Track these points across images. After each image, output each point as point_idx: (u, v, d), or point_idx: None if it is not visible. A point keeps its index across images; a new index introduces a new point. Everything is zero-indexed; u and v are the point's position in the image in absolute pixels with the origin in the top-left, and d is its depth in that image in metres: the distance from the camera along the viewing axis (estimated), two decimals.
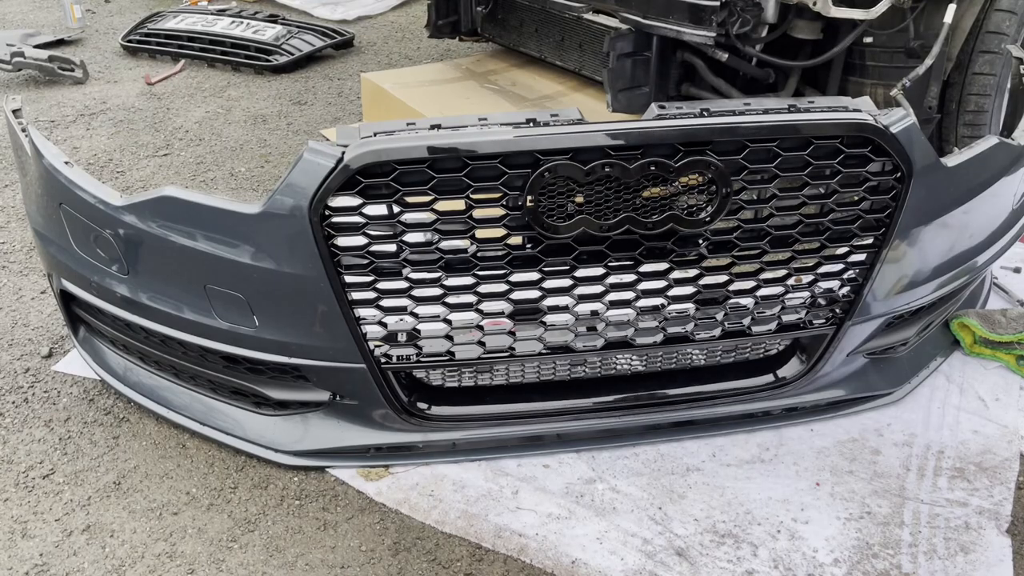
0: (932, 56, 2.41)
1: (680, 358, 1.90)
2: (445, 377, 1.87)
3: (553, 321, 1.72)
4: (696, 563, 1.60)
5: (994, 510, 1.72)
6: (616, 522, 1.69)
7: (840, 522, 1.70)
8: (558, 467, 1.83)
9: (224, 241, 1.62)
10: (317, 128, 3.70)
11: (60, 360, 2.18)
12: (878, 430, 1.94)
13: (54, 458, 1.87)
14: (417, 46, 4.81)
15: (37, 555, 1.64)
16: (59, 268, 1.89)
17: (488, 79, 3.49)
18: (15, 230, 2.84)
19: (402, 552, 1.64)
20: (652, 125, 1.53)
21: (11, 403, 2.04)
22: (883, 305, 1.85)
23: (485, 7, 3.55)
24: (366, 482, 1.79)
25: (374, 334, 1.69)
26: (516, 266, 1.64)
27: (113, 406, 2.01)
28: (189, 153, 3.45)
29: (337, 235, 1.58)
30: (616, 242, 1.63)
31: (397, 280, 1.63)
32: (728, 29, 2.47)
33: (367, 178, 1.52)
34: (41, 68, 4.13)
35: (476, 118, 1.58)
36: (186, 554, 1.64)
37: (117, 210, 1.68)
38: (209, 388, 1.91)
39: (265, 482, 1.80)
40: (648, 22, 2.64)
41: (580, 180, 1.54)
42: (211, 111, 3.89)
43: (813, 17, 2.54)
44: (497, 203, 1.56)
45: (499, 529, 1.68)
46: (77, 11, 4.90)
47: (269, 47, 4.42)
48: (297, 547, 1.66)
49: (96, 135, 3.61)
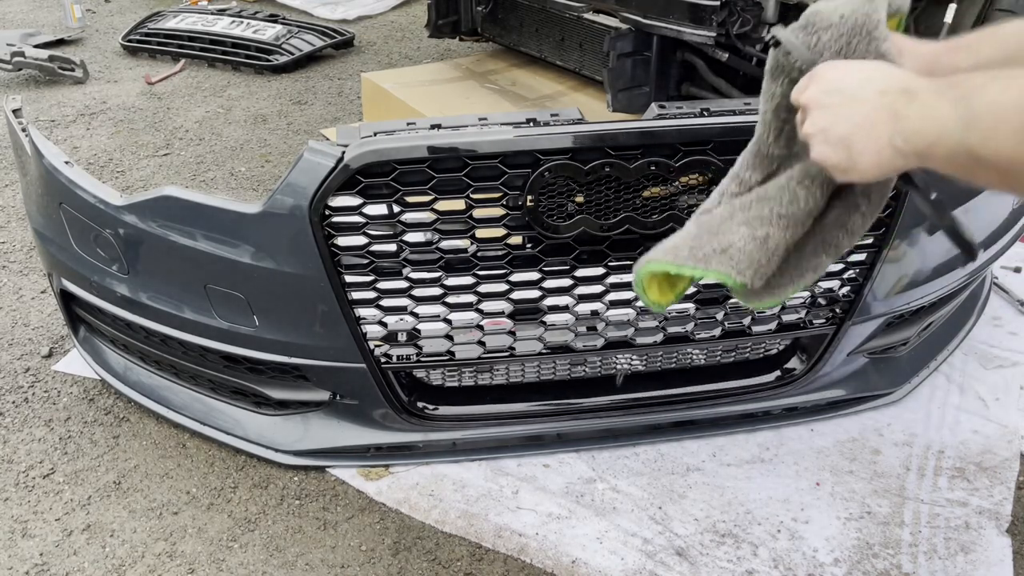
0: None
1: (680, 358, 1.90)
2: (445, 377, 1.87)
3: (553, 321, 1.72)
4: (696, 563, 1.60)
5: (994, 510, 1.72)
6: (616, 522, 1.69)
7: (840, 522, 1.70)
8: (558, 467, 1.83)
9: (224, 241, 1.62)
10: (317, 128, 3.70)
11: (60, 360, 2.18)
12: (878, 430, 1.94)
13: (54, 458, 1.87)
14: (417, 46, 4.81)
15: (37, 554, 1.64)
16: (59, 268, 1.89)
17: (488, 79, 3.49)
18: (15, 230, 2.84)
19: (402, 552, 1.64)
20: (652, 125, 1.53)
21: (11, 403, 2.04)
22: (883, 305, 1.85)
23: (485, 7, 3.55)
24: (366, 482, 1.79)
25: (374, 334, 1.69)
26: (516, 266, 1.64)
27: (113, 406, 2.01)
28: (189, 153, 3.45)
29: (337, 235, 1.58)
30: (616, 242, 1.63)
31: (397, 280, 1.63)
32: (728, 29, 2.47)
33: (367, 178, 1.52)
34: (41, 68, 4.13)
35: (476, 118, 1.58)
36: (186, 553, 1.64)
37: (117, 210, 1.68)
38: (209, 388, 1.91)
39: (265, 482, 1.80)
40: (648, 22, 2.64)
41: (580, 180, 1.54)
42: (211, 111, 3.89)
43: None
44: (497, 203, 1.56)
45: (499, 529, 1.68)
46: (77, 11, 4.89)
47: (269, 47, 4.42)
48: (297, 547, 1.66)
49: (96, 135, 3.61)
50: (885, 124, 0.90)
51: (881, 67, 0.95)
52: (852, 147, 0.92)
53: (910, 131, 0.89)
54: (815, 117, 0.95)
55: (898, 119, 0.89)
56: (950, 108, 0.86)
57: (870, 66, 0.95)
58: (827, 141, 0.94)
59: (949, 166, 0.89)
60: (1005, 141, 0.82)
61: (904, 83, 0.91)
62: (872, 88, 0.91)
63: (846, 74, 0.95)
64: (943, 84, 0.89)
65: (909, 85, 0.90)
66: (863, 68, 0.95)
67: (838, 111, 0.93)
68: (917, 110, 0.88)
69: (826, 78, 0.95)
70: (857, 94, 0.92)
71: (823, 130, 0.94)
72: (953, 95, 0.86)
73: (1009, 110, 0.81)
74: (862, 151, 0.92)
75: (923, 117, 0.88)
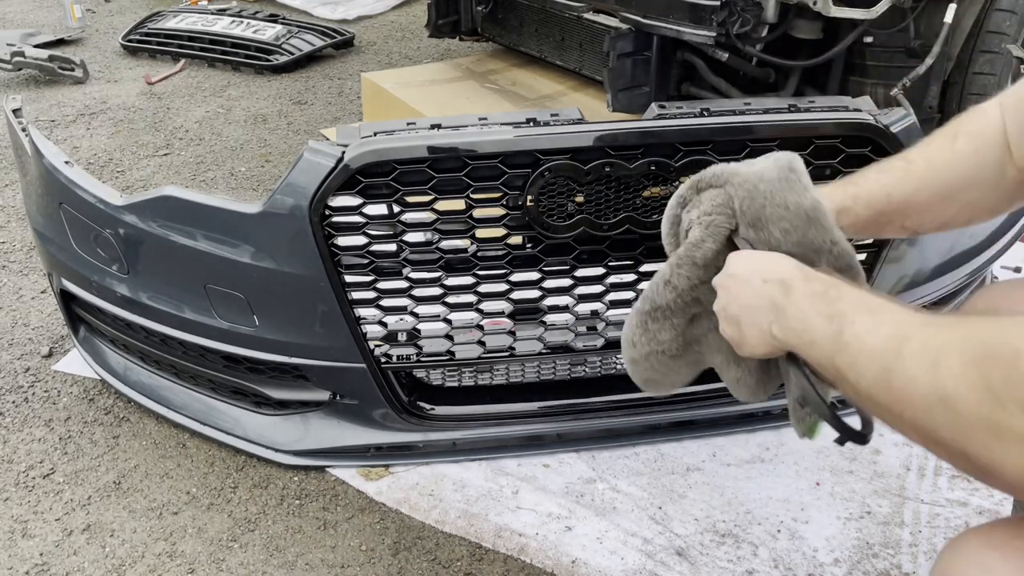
0: (932, 56, 2.41)
1: None
2: (445, 377, 1.87)
3: (553, 321, 1.72)
4: (696, 563, 1.60)
5: (994, 510, 1.72)
6: (616, 522, 1.69)
7: (840, 522, 1.70)
8: (558, 467, 1.83)
9: (224, 241, 1.62)
10: (317, 128, 3.70)
11: (60, 360, 2.18)
12: (878, 429, 1.93)
13: (54, 458, 1.87)
14: (417, 46, 4.81)
15: (37, 554, 1.64)
16: (59, 267, 1.89)
17: (488, 79, 3.49)
18: (15, 230, 2.84)
19: (402, 552, 1.64)
20: (652, 125, 1.53)
21: (11, 403, 2.04)
22: None
23: (485, 7, 3.55)
24: (366, 482, 1.79)
25: (374, 334, 1.69)
26: (516, 266, 1.64)
27: (113, 406, 2.01)
28: (189, 153, 3.45)
29: (337, 235, 1.58)
30: (616, 242, 1.63)
31: (397, 280, 1.63)
32: (728, 29, 2.47)
33: (367, 178, 1.52)
34: (41, 68, 4.13)
35: (476, 118, 1.58)
36: (186, 553, 1.64)
37: (117, 210, 1.68)
38: (209, 388, 1.91)
39: (265, 482, 1.80)
40: (648, 22, 2.64)
41: (580, 180, 1.54)
42: (211, 111, 3.89)
43: (813, 17, 2.54)
44: (497, 203, 1.56)
45: (499, 528, 1.68)
46: (77, 11, 4.89)
47: (269, 47, 4.42)
48: (297, 547, 1.66)
49: (96, 135, 3.61)
50: (765, 312, 0.98)
51: (772, 258, 1.04)
52: (741, 326, 1.03)
53: (786, 326, 0.96)
54: (720, 298, 1.07)
55: (777, 310, 0.97)
56: (823, 324, 0.91)
57: (762, 257, 1.05)
58: (725, 318, 1.06)
59: (825, 374, 0.94)
60: (869, 380, 0.84)
61: (784, 275, 0.98)
62: (757, 277, 1.01)
63: (743, 263, 1.05)
64: (820, 290, 0.94)
65: (788, 277, 0.98)
66: (755, 258, 1.05)
67: (731, 293, 1.04)
68: (794, 309, 0.95)
69: (731, 265, 1.07)
70: (746, 279, 1.02)
71: (723, 307, 1.06)
72: (826, 311, 0.91)
73: (874, 354, 0.84)
74: (748, 331, 1.02)
75: (797, 320, 0.94)
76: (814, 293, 0.94)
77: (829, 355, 0.90)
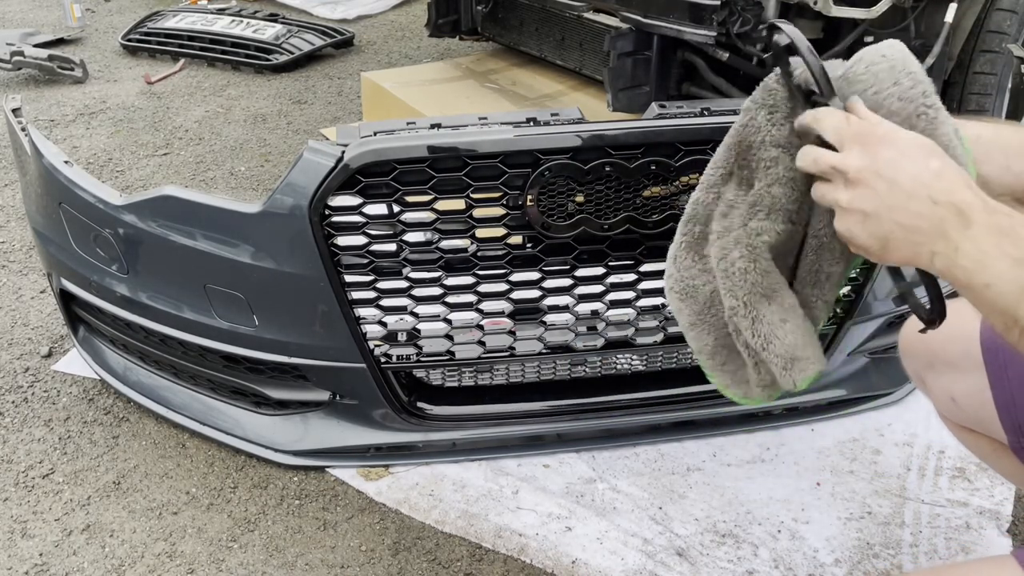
0: (933, 55, 2.41)
1: (680, 358, 1.90)
2: (445, 377, 1.87)
3: (553, 321, 1.72)
4: (696, 563, 1.60)
5: (995, 510, 1.72)
6: (616, 522, 1.69)
7: (841, 522, 1.70)
8: (558, 467, 1.83)
9: (224, 240, 1.62)
10: (317, 127, 3.70)
11: (60, 360, 2.18)
12: (879, 430, 1.94)
13: (54, 458, 1.87)
14: (417, 45, 4.81)
15: (37, 555, 1.64)
16: (59, 267, 1.88)
17: (488, 78, 3.49)
18: (15, 229, 2.83)
19: (402, 552, 1.64)
20: (653, 124, 1.53)
21: (11, 403, 2.03)
22: (884, 305, 1.85)
23: (485, 6, 3.54)
24: (366, 482, 1.78)
25: (374, 334, 1.69)
26: (516, 266, 1.63)
27: (113, 406, 2.01)
28: (189, 152, 3.45)
29: (337, 234, 1.58)
30: (616, 241, 1.63)
31: (397, 280, 1.63)
32: (729, 28, 2.47)
33: (367, 177, 1.51)
34: (41, 67, 4.13)
35: (476, 117, 1.58)
36: (186, 554, 1.64)
37: (117, 209, 1.68)
38: (209, 388, 1.91)
39: (265, 482, 1.80)
40: (649, 21, 2.64)
41: (580, 179, 1.54)
42: (211, 110, 3.89)
43: (814, 16, 2.54)
44: (497, 202, 1.56)
45: (499, 529, 1.68)
46: (77, 10, 4.89)
47: (269, 46, 4.42)
48: (297, 547, 1.65)
49: (96, 134, 3.61)
50: (931, 239, 0.81)
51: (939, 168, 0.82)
52: (888, 244, 0.84)
53: (956, 263, 0.80)
54: (859, 196, 0.84)
55: (946, 241, 0.80)
56: (1009, 268, 0.76)
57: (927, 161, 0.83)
58: (863, 225, 0.84)
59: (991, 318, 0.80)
60: None
61: (960, 200, 0.80)
62: (925, 192, 0.80)
63: (901, 161, 0.83)
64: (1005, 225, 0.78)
65: (965, 206, 0.79)
66: (918, 161, 0.83)
67: (883, 202, 0.82)
68: (970, 246, 0.79)
69: (880, 157, 0.83)
70: (910, 191, 0.81)
71: (864, 215, 0.84)
72: (1014, 253, 0.76)
73: None
74: (897, 249, 0.83)
75: (974, 259, 0.78)
76: (999, 229, 0.77)
77: (1013, 304, 0.76)
